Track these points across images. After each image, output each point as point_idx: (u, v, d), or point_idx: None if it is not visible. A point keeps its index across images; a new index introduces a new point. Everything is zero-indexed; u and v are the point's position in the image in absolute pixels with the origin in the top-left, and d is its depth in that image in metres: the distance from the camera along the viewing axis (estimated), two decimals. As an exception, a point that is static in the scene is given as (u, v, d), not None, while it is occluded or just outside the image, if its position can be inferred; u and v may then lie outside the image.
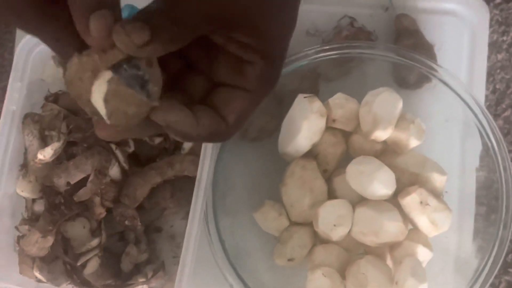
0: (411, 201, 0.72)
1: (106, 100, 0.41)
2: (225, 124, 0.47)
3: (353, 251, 0.78)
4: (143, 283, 0.76)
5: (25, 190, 0.76)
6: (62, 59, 0.44)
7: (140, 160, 0.78)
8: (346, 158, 0.78)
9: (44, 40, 0.43)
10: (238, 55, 0.46)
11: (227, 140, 0.49)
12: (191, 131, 0.45)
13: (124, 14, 0.73)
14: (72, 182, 0.72)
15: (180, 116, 0.44)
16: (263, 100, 0.49)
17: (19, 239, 0.77)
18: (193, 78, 0.50)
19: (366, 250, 0.78)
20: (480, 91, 0.85)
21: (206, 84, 0.50)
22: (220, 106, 0.47)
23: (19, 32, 0.90)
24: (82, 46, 0.41)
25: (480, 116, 0.76)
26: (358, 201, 0.76)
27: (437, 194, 0.75)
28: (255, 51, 0.46)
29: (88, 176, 0.72)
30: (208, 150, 0.69)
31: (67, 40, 0.42)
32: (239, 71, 0.47)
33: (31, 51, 0.78)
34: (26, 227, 0.77)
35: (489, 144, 0.76)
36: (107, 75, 0.41)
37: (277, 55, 0.48)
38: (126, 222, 0.76)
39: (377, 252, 0.76)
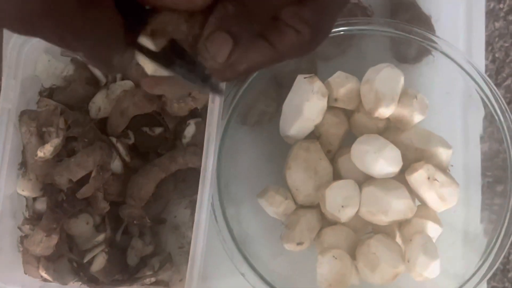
0: (418, 177, 0.72)
1: None
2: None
3: (361, 231, 0.77)
4: (150, 276, 0.75)
5: (25, 189, 0.74)
6: (104, 66, 0.43)
7: (140, 151, 0.77)
8: (349, 137, 0.77)
9: (87, 48, 0.41)
10: (290, 24, 0.44)
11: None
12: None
13: None
14: (74, 180, 0.70)
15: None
16: (279, 59, 0.46)
17: (23, 239, 0.76)
18: None
19: (374, 229, 0.77)
20: (479, 60, 0.84)
21: None
22: None
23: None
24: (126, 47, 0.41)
25: (483, 85, 0.75)
26: (364, 180, 0.75)
27: (443, 169, 0.74)
28: (306, 23, 0.44)
29: (90, 172, 0.70)
30: (212, 140, 0.68)
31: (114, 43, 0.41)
32: (279, 30, 0.44)
33: (22, 47, 0.75)
34: (28, 226, 0.76)
35: (494, 113, 0.75)
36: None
37: (324, 30, 0.46)
38: (135, 222, 0.75)
39: (385, 231, 0.76)
